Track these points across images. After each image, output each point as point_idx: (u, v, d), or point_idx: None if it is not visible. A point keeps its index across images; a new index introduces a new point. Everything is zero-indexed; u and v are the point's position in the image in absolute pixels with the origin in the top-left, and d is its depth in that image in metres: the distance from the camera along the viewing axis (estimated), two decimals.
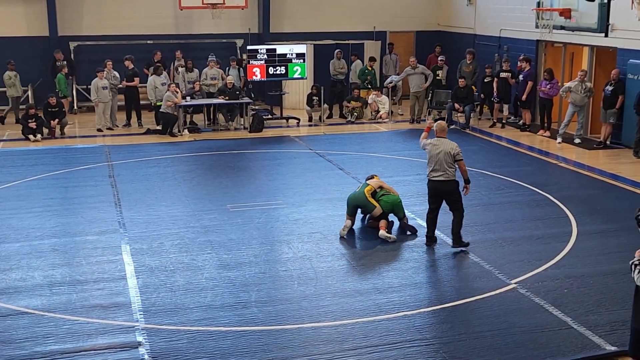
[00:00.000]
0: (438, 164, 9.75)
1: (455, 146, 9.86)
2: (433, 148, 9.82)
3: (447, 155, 9.72)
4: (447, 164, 9.72)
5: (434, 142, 9.90)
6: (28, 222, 11.13)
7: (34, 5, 20.69)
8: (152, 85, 18.22)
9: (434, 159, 9.78)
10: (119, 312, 8.06)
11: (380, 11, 23.20)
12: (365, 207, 10.77)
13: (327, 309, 8.16)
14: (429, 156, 9.86)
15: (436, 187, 9.88)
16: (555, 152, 15.92)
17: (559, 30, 17.51)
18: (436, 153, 9.77)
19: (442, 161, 9.72)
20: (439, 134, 9.98)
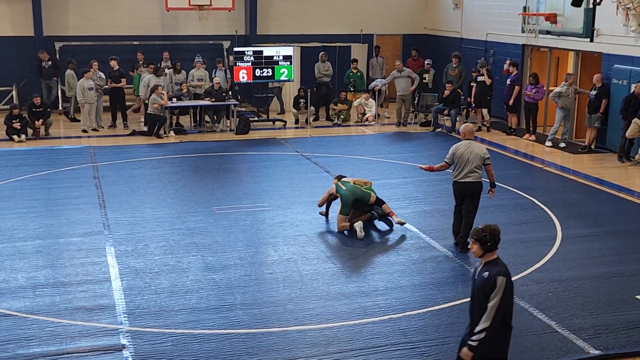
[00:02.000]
0: (467, 167, 9.81)
1: (485, 150, 10.02)
2: (465, 151, 9.83)
3: (477, 158, 9.81)
4: (476, 167, 9.83)
5: (464, 144, 9.93)
6: (11, 223, 11.03)
7: (18, 4, 20.55)
8: (146, 83, 18.10)
9: (464, 161, 9.82)
10: (103, 314, 8.00)
11: (367, 14, 23.24)
12: (362, 198, 10.88)
13: (313, 312, 8.15)
14: (457, 159, 9.86)
15: (463, 188, 9.96)
16: (541, 156, 15.99)
17: (544, 35, 17.60)
18: (467, 156, 9.81)
19: (472, 163, 9.81)
20: (468, 136, 10.03)
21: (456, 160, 9.89)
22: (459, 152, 9.86)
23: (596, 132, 16.18)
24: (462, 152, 9.84)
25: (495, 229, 5.92)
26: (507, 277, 5.72)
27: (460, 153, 9.85)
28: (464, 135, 10.06)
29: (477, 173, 9.85)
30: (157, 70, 18.36)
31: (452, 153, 9.92)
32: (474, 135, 10.25)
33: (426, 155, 15.84)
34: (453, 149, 9.95)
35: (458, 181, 9.93)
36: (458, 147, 9.92)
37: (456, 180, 9.96)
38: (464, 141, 9.99)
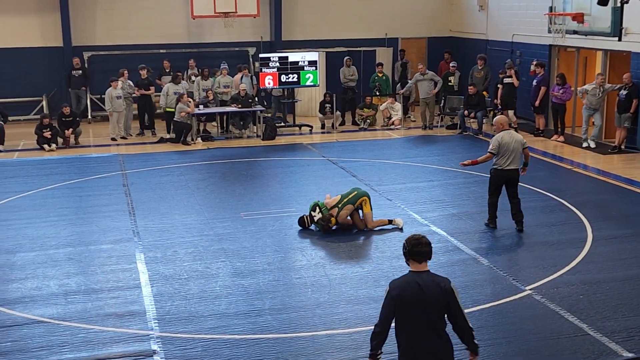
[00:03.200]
0: (512, 154, 10.55)
1: (521, 136, 10.88)
2: (510, 140, 10.53)
3: (519, 145, 10.59)
4: (518, 154, 10.61)
5: (506, 134, 10.61)
6: (43, 231, 11.20)
7: (48, 16, 20.86)
8: (165, 92, 18.32)
9: (509, 150, 10.51)
10: (134, 320, 8.08)
11: (392, 18, 23.21)
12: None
13: (341, 316, 8.15)
14: (503, 148, 10.49)
15: (507, 175, 10.66)
16: (570, 157, 15.84)
17: (571, 34, 17.44)
18: (512, 144, 10.51)
19: (516, 151, 10.56)
20: (505, 127, 10.73)
21: (502, 150, 10.52)
22: (505, 142, 10.51)
23: (626, 132, 15.99)
24: (507, 141, 10.52)
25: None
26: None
27: (505, 142, 10.51)
28: (502, 126, 10.73)
29: (518, 160, 10.65)
30: (175, 78, 18.47)
31: (498, 143, 10.52)
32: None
33: (453, 158, 15.76)
34: (498, 139, 10.55)
35: (504, 169, 10.62)
36: (502, 137, 10.56)
37: (502, 169, 10.62)
38: (505, 131, 10.65)
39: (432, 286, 5.23)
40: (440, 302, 5.23)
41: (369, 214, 11.03)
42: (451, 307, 5.26)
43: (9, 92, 20.48)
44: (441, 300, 5.23)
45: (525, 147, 10.72)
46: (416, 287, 5.24)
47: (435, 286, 5.24)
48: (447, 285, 5.26)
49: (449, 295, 5.23)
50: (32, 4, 20.79)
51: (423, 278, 5.27)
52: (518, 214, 10.86)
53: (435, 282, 5.27)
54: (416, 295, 5.23)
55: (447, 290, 5.24)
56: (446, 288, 5.24)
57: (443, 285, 5.26)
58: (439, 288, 5.23)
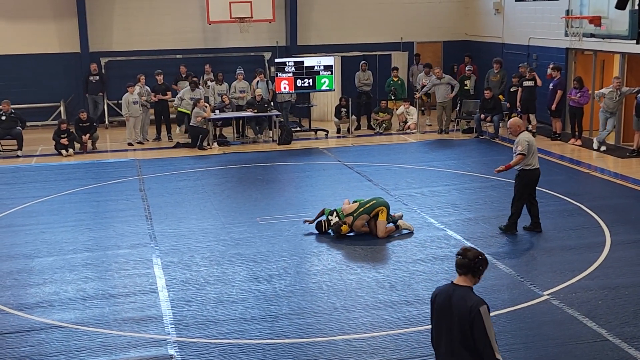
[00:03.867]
0: (536, 153, 10.72)
1: None
2: (533, 140, 10.73)
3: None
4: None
5: (529, 134, 10.82)
6: (61, 236, 11.27)
7: (65, 22, 21.03)
8: (181, 95, 18.41)
9: (535, 150, 10.65)
10: (151, 325, 8.12)
11: (407, 22, 23.20)
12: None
13: (358, 321, 8.14)
14: (532, 148, 10.57)
15: (537, 174, 10.79)
16: (587, 161, 15.74)
17: (589, 38, 17.34)
18: (535, 144, 10.71)
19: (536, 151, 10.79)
20: (523, 127, 10.74)
21: (532, 149, 10.58)
22: (532, 141, 10.63)
23: None
24: (533, 141, 10.66)
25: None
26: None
27: (532, 142, 10.63)
28: (519, 127, 10.66)
29: None
30: (191, 84, 18.49)
31: (527, 144, 10.52)
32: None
33: (469, 162, 15.72)
34: (526, 140, 10.54)
35: (535, 169, 10.70)
36: (529, 137, 10.64)
37: (534, 169, 10.69)
38: (527, 132, 10.79)
39: (460, 302, 5.08)
40: (465, 321, 5.04)
41: (381, 222, 10.92)
42: (474, 330, 5.02)
43: (27, 97, 20.64)
44: (465, 319, 5.03)
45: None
46: (446, 298, 5.17)
47: (463, 303, 5.06)
48: (475, 306, 5.01)
49: (475, 316, 4.99)
50: (50, 11, 20.98)
51: (457, 292, 5.15)
52: (537, 215, 10.94)
53: (465, 299, 5.07)
54: (442, 306, 5.18)
55: (474, 311, 4.99)
56: (472, 308, 5.00)
57: (471, 304, 5.03)
58: (465, 306, 5.04)
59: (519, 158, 10.54)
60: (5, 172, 15.89)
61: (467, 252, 5.21)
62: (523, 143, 10.50)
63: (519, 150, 10.52)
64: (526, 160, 10.57)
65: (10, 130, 17.58)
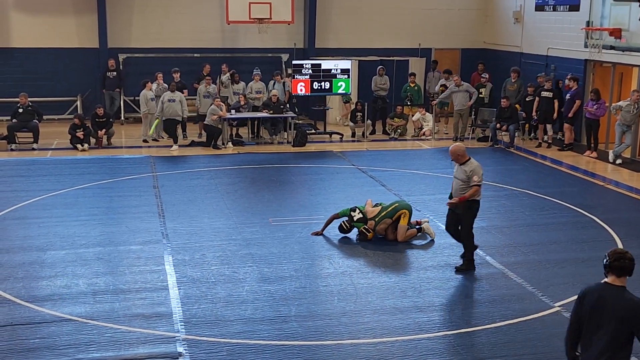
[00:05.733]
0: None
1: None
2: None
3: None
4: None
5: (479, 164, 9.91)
6: (74, 230, 11.32)
7: (85, 17, 21.15)
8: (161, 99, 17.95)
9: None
10: (161, 322, 8.13)
11: (426, 28, 23.16)
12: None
13: (367, 326, 8.13)
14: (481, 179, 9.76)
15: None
16: (602, 173, 15.65)
17: (608, 50, 17.26)
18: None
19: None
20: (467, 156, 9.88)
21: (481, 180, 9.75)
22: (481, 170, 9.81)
23: None
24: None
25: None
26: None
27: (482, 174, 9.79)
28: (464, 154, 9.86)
29: None
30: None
31: (481, 172, 9.77)
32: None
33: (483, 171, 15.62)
34: (479, 168, 9.76)
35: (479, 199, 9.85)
36: (479, 166, 9.83)
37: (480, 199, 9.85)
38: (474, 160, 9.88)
39: (619, 301, 5.14)
40: (625, 320, 5.11)
41: (402, 227, 10.92)
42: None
43: (44, 91, 20.76)
44: (626, 318, 5.11)
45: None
46: (597, 297, 5.23)
47: (626, 303, 5.13)
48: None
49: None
50: (70, 6, 21.09)
51: (613, 292, 5.21)
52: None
53: (627, 298, 5.16)
54: (595, 305, 5.22)
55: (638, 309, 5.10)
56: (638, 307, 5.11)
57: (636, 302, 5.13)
58: (629, 305, 5.12)
59: (475, 189, 9.60)
60: (20, 164, 15.99)
61: (625, 254, 5.31)
62: (479, 172, 9.64)
63: (475, 180, 9.57)
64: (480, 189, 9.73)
65: (27, 123, 17.68)
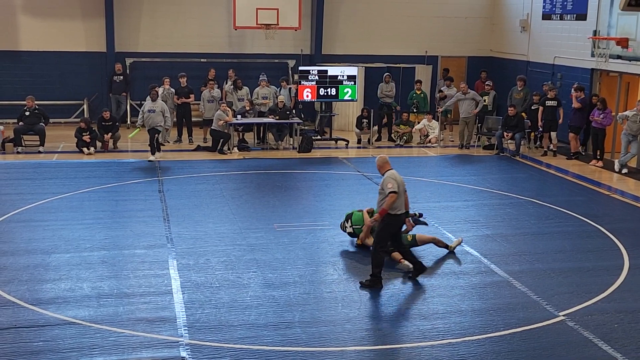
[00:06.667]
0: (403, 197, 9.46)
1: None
2: (401, 180, 9.43)
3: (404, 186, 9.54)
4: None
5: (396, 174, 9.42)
6: (79, 234, 11.33)
7: (93, 21, 21.23)
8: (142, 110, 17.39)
9: (401, 192, 9.39)
10: (164, 326, 8.13)
11: (433, 36, 23.18)
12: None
13: (370, 333, 8.11)
14: (399, 189, 9.31)
15: (401, 222, 9.60)
16: (608, 182, 15.61)
17: (615, 59, 17.24)
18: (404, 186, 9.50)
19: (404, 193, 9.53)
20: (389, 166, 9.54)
21: (400, 190, 9.30)
22: (400, 180, 9.36)
23: None
24: (401, 180, 9.40)
25: None
26: None
27: (401, 181, 9.37)
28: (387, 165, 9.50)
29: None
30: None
31: (395, 182, 9.27)
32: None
33: (489, 179, 15.65)
34: (393, 177, 9.30)
35: (402, 214, 9.45)
36: (395, 175, 9.35)
37: (400, 214, 9.40)
38: (393, 170, 9.48)
39: None
40: None
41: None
42: None
43: (51, 94, 20.83)
44: None
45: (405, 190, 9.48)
46: None
47: None
48: None
49: None
50: (78, 10, 21.17)
51: None
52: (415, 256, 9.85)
53: None
54: None
55: None
56: None
57: None
58: None
59: (392, 197, 9.15)
60: (26, 167, 16.04)
61: None
62: (391, 180, 9.21)
63: (389, 188, 9.17)
64: (397, 203, 9.28)
65: (34, 126, 17.73)
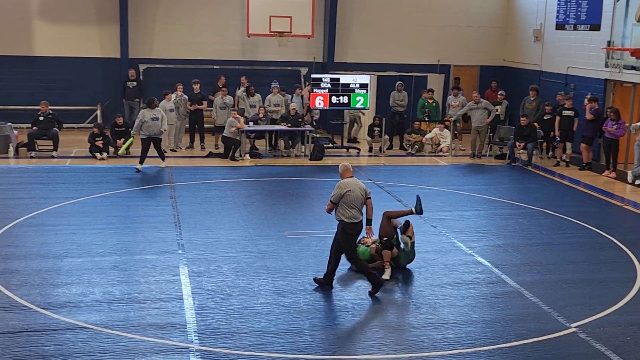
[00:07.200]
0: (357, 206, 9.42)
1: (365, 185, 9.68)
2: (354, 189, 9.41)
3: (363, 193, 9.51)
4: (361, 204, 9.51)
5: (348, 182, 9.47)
6: (90, 238, 11.38)
7: (107, 27, 21.36)
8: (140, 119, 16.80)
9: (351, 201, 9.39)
10: (175, 332, 8.14)
11: (445, 45, 23.18)
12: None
13: (380, 342, 8.09)
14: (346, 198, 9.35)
15: (360, 229, 9.55)
16: (621, 194, 15.53)
17: (629, 70, 17.18)
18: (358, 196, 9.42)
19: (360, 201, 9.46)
20: (350, 174, 9.63)
21: (348, 199, 9.35)
22: (351, 189, 9.40)
23: None
24: (355, 189, 9.41)
25: None
26: None
27: (352, 190, 9.39)
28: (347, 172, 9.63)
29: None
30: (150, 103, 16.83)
31: (339, 191, 9.38)
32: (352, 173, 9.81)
33: (501, 189, 15.61)
34: (339, 185, 9.43)
35: (358, 222, 9.45)
36: (345, 184, 9.43)
37: (356, 222, 9.42)
38: (351, 179, 9.53)
39: None
40: None
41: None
42: None
43: (65, 99, 20.97)
44: None
45: (369, 198, 9.54)
46: None
47: None
48: None
49: None
50: (94, 16, 21.32)
51: None
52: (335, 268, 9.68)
53: None
54: None
55: None
56: None
57: None
58: None
59: (328, 204, 9.50)
60: (39, 171, 16.13)
61: None
62: (336, 189, 9.42)
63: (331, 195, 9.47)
64: (345, 211, 9.36)
65: (47, 130, 17.83)
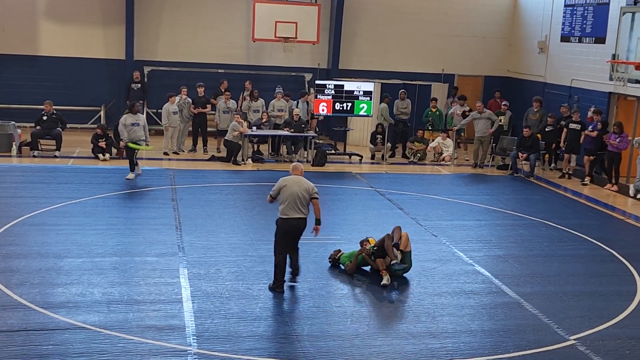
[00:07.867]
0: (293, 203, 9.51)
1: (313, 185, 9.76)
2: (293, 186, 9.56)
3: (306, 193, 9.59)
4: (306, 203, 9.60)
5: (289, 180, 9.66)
6: (91, 239, 11.38)
7: (113, 29, 21.41)
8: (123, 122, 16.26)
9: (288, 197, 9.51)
10: (173, 334, 8.13)
11: (450, 54, 23.22)
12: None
13: (379, 349, 8.07)
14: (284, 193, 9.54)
15: (295, 226, 9.61)
16: (622, 207, 15.52)
17: (633, 83, 17.19)
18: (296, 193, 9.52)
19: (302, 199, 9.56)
20: (295, 172, 9.86)
21: (285, 195, 9.52)
22: (289, 186, 9.55)
23: None
24: (294, 186, 9.55)
25: None
26: None
27: (290, 187, 9.54)
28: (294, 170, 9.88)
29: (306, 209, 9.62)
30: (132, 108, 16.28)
31: (279, 186, 9.59)
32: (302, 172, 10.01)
33: (502, 199, 15.60)
34: (285, 182, 9.62)
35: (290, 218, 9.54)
36: (287, 180, 9.64)
37: (288, 218, 9.54)
38: (296, 176, 9.76)
39: None
40: None
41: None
42: None
43: (69, 100, 20.99)
44: None
45: (314, 198, 9.65)
46: None
47: None
48: None
49: None
50: (99, 17, 21.36)
51: None
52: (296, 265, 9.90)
53: None
54: None
55: None
56: None
57: None
58: None
59: (267, 198, 9.85)
60: (42, 171, 16.14)
61: None
62: (277, 183, 9.65)
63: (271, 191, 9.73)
64: (279, 206, 9.57)
65: (51, 130, 17.85)
